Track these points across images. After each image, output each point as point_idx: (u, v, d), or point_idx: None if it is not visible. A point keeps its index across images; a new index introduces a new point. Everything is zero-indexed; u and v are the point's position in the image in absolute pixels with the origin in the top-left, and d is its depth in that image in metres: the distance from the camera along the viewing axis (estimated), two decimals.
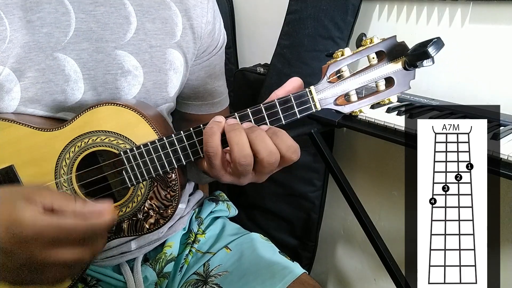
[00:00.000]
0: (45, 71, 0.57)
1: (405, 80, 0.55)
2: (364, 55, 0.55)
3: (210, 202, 0.85)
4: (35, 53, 0.56)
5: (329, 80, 0.55)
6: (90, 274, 0.71)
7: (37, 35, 0.56)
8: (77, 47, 0.59)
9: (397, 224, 1.15)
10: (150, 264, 0.73)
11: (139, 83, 0.64)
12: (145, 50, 0.63)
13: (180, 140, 0.54)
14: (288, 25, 1.08)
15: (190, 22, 0.67)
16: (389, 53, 0.54)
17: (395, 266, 0.89)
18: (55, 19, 0.57)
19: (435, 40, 0.50)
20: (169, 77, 0.67)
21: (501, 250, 0.89)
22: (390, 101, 0.56)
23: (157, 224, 0.59)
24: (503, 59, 0.87)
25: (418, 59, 0.51)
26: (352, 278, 1.36)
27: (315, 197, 1.18)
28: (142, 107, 0.58)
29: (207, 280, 0.72)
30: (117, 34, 0.61)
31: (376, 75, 0.55)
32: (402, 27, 1.00)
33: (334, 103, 0.55)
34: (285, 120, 0.55)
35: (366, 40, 0.55)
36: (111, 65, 0.61)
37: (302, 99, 0.54)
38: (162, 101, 0.68)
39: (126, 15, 0.61)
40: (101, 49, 0.60)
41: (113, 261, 0.70)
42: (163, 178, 0.57)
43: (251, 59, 1.42)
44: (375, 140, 0.84)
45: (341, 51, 0.54)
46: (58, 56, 0.57)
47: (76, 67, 0.59)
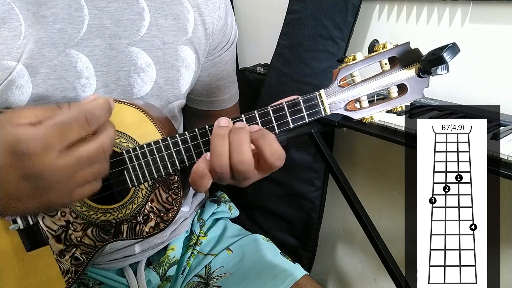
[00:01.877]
0: (57, 67, 0.56)
1: (418, 87, 0.53)
2: (377, 61, 0.53)
3: (212, 203, 0.85)
4: (48, 49, 0.55)
5: (339, 85, 0.53)
6: (92, 277, 0.71)
7: (50, 31, 0.55)
8: (90, 44, 0.58)
9: (397, 224, 1.15)
10: (153, 268, 0.73)
11: (152, 80, 0.63)
12: (157, 46, 0.63)
13: (185, 141, 0.53)
14: (288, 25, 1.08)
15: (202, 18, 0.67)
16: (402, 59, 0.53)
17: (395, 266, 0.89)
18: (68, 15, 0.56)
19: (450, 45, 0.48)
20: (181, 74, 0.66)
21: (501, 250, 0.88)
22: (402, 108, 0.55)
23: (157, 228, 0.58)
24: (503, 59, 0.87)
25: (433, 65, 0.50)
26: (352, 278, 1.36)
27: (315, 197, 1.18)
28: (147, 106, 0.57)
29: (209, 282, 0.72)
30: (130, 31, 0.60)
31: (388, 81, 0.54)
32: (402, 27, 1.00)
33: (344, 108, 0.54)
34: (293, 124, 0.53)
35: (379, 45, 0.53)
36: (124, 62, 0.61)
37: (311, 103, 0.53)
38: (174, 98, 0.67)
39: (139, 11, 0.61)
40: (114, 46, 0.59)
41: (116, 264, 0.70)
42: (165, 180, 0.56)
43: (251, 59, 1.41)
44: (375, 140, 0.84)
45: (353, 55, 0.53)
46: (70, 52, 0.57)
47: (88, 64, 0.58)
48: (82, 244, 0.58)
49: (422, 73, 0.53)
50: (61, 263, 0.58)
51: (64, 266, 0.58)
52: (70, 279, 0.59)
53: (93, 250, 0.58)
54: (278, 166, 0.50)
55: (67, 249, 0.58)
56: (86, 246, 0.58)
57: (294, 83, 1.05)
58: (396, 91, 0.54)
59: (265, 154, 0.49)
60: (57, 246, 0.58)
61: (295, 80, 1.05)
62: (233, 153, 0.49)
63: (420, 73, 0.53)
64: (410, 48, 0.53)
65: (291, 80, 1.06)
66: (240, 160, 0.48)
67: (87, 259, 0.58)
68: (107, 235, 0.58)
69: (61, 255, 0.58)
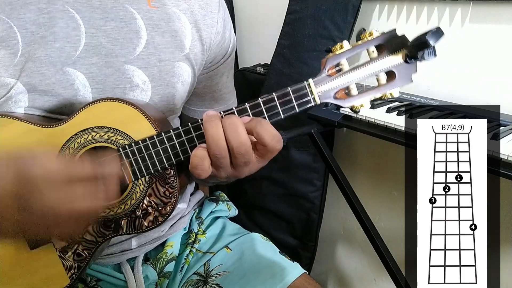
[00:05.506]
0: (54, 85, 0.57)
1: (406, 73, 0.53)
2: (364, 48, 0.53)
3: (210, 202, 0.85)
4: (46, 67, 0.56)
5: (328, 74, 0.54)
6: (90, 274, 0.71)
7: (49, 50, 0.56)
8: (86, 62, 0.59)
9: (397, 224, 1.15)
10: (151, 264, 0.73)
11: (147, 97, 0.64)
12: (154, 64, 0.63)
13: (178, 135, 0.54)
14: (288, 25, 1.08)
15: (199, 33, 0.67)
16: (389, 46, 0.53)
17: (395, 266, 0.89)
18: (66, 34, 0.57)
19: (434, 30, 0.48)
20: (177, 90, 0.66)
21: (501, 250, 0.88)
22: (392, 95, 0.54)
23: (156, 222, 0.59)
24: (503, 59, 0.87)
25: (418, 49, 0.50)
26: (352, 278, 1.36)
27: (315, 197, 1.18)
28: (143, 105, 0.58)
29: (208, 280, 0.72)
30: (126, 49, 0.61)
31: (376, 68, 0.54)
32: (402, 27, 1.00)
33: (334, 97, 0.54)
34: (283, 114, 0.53)
35: (365, 34, 0.54)
36: (120, 80, 0.61)
37: (300, 92, 0.53)
38: (169, 113, 0.68)
39: (137, 30, 0.61)
40: (110, 64, 0.60)
41: (113, 258, 0.70)
42: (162, 174, 0.57)
43: (251, 59, 1.42)
44: (375, 140, 0.84)
45: (340, 44, 0.53)
46: (68, 70, 0.58)
47: (85, 81, 0.59)
48: (84, 241, 0.59)
49: (409, 59, 0.52)
50: (64, 259, 0.59)
51: (67, 263, 0.59)
52: (74, 274, 0.60)
53: (95, 246, 0.59)
54: (278, 149, 0.51)
55: (69, 246, 0.59)
56: (88, 242, 0.59)
57: (294, 83, 1.05)
58: (385, 78, 0.54)
59: (264, 139, 0.50)
60: (59, 243, 0.59)
61: (295, 80, 1.04)
62: (230, 137, 0.49)
63: (407, 59, 0.52)
64: (397, 34, 0.53)
65: (291, 80, 1.06)
66: (238, 142, 0.49)
67: (89, 255, 0.60)
68: (108, 230, 0.59)
69: (63, 252, 0.59)
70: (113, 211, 0.58)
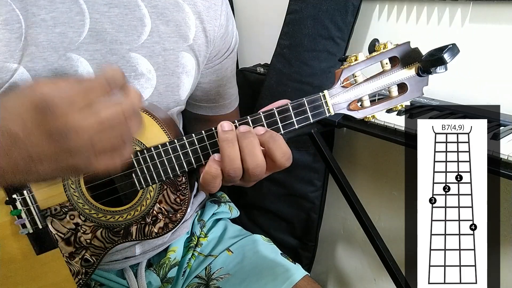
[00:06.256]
0: (57, 71, 0.56)
1: (418, 86, 0.54)
2: (378, 61, 0.54)
3: (212, 204, 0.85)
4: (49, 52, 0.55)
5: (342, 85, 0.54)
6: (93, 278, 0.71)
7: (50, 35, 0.55)
8: (90, 48, 0.58)
9: (397, 224, 1.15)
10: (154, 269, 0.73)
11: (152, 86, 0.63)
12: (158, 53, 0.62)
13: (192, 143, 0.54)
14: (288, 25, 1.08)
15: (203, 25, 0.67)
16: (402, 59, 0.54)
17: (395, 266, 0.89)
18: (69, 19, 0.56)
19: (450, 47, 0.49)
20: (182, 80, 0.66)
21: (501, 250, 0.88)
22: (402, 107, 0.56)
23: (166, 228, 0.58)
24: (503, 59, 0.87)
25: (433, 65, 0.51)
26: (352, 278, 1.36)
27: (315, 197, 1.18)
28: (153, 109, 0.57)
29: (209, 283, 0.72)
30: (131, 37, 0.60)
31: (389, 80, 0.54)
32: (402, 27, 1.00)
33: (347, 108, 0.55)
34: (298, 124, 0.54)
35: (379, 45, 0.54)
36: (125, 68, 0.60)
37: (315, 103, 0.54)
38: (174, 104, 0.68)
39: (141, 17, 0.61)
40: (115, 51, 0.59)
41: (116, 265, 0.70)
42: (173, 181, 0.57)
43: (251, 59, 1.41)
44: (375, 140, 0.84)
45: (355, 55, 0.54)
46: (71, 56, 0.57)
47: (89, 68, 0.58)
48: (91, 246, 0.58)
49: (422, 72, 0.54)
50: (71, 265, 0.58)
51: (74, 268, 0.59)
52: (81, 280, 0.59)
53: (103, 252, 0.59)
54: (286, 166, 0.52)
55: (77, 251, 0.58)
56: (96, 248, 0.58)
57: (294, 83, 1.05)
58: (397, 90, 0.55)
59: (275, 156, 0.50)
60: (66, 248, 0.58)
61: (295, 80, 1.05)
62: (247, 158, 0.50)
63: (420, 72, 0.54)
64: (410, 47, 0.54)
65: (291, 80, 1.06)
66: (255, 164, 0.50)
67: (97, 261, 0.59)
68: (117, 236, 0.58)
69: (70, 257, 0.58)
70: (122, 217, 0.57)
